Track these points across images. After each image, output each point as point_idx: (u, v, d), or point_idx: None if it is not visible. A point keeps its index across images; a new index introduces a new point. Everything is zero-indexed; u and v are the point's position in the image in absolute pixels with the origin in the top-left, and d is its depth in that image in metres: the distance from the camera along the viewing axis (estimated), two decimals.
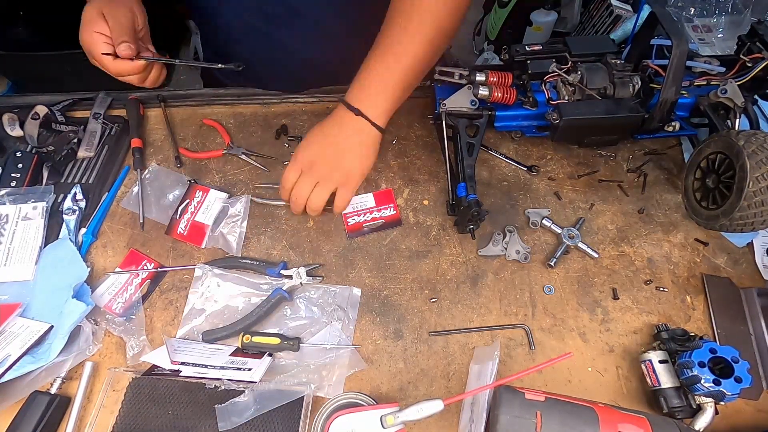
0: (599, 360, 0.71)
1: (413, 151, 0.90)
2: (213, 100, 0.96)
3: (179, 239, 0.80)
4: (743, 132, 0.70)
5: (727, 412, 0.66)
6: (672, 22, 0.75)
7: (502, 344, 0.71)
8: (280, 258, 0.79)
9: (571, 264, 0.79)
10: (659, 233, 0.82)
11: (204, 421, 0.64)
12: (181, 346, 0.69)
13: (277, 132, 0.92)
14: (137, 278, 0.76)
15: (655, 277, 0.78)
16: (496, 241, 0.79)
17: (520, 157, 0.89)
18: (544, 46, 0.84)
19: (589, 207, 0.84)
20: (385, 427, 0.54)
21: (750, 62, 0.81)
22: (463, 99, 0.82)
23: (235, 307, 0.74)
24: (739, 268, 0.79)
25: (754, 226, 0.68)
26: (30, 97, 0.94)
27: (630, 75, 0.79)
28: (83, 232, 0.79)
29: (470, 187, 0.75)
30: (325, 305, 0.74)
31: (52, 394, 0.66)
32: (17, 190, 0.81)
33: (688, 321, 0.74)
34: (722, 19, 1.21)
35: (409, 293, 0.76)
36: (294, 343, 0.69)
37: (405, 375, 0.70)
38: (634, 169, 0.88)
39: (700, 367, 0.62)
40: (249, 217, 0.82)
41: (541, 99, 0.83)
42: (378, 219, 0.82)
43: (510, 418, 0.52)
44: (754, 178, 0.64)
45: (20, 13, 1.78)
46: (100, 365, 0.70)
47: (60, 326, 0.68)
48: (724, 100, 0.79)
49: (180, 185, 0.85)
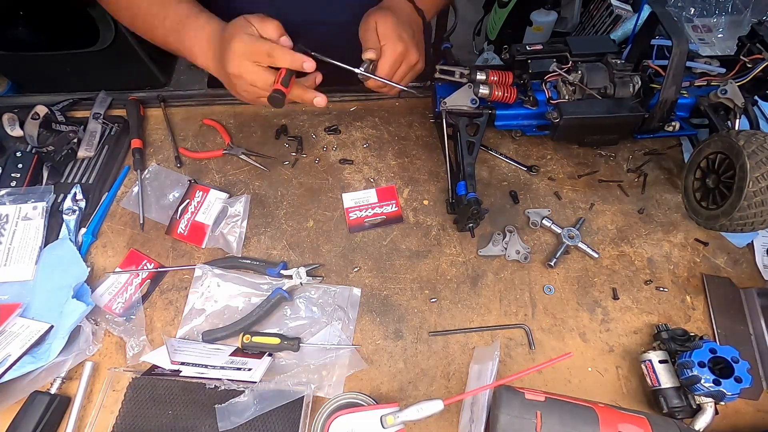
0: (599, 360, 0.71)
1: (413, 151, 0.90)
2: (213, 100, 0.96)
3: (179, 239, 0.80)
4: (743, 132, 0.70)
5: (727, 412, 0.66)
6: (672, 22, 0.75)
7: (502, 344, 0.71)
8: (280, 258, 0.79)
9: (571, 264, 0.79)
10: (659, 233, 0.82)
11: (204, 421, 0.64)
12: (181, 346, 0.69)
13: (277, 132, 0.92)
14: (137, 278, 0.76)
15: (655, 277, 0.78)
16: (496, 241, 0.79)
17: (520, 156, 0.89)
18: (545, 46, 0.84)
19: (589, 207, 0.84)
20: (385, 427, 0.54)
21: (750, 63, 0.81)
22: (463, 98, 0.82)
23: (235, 307, 0.74)
24: (739, 268, 0.79)
25: (754, 226, 0.68)
26: (30, 97, 0.94)
27: (630, 75, 0.79)
28: (83, 232, 0.79)
29: (470, 185, 0.75)
30: (325, 305, 0.74)
31: (52, 394, 0.66)
32: (17, 190, 0.81)
33: (688, 321, 0.74)
34: (722, 19, 1.21)
35: (409, 293, 0.76)
36: (294, 343, 0.69)
37: (405, 375, 0.70)
38: (634, 169, 0.88)
39: (700, 367, 0.62)
40: (249, 217, 0.82)
41: (542, 98, 0.83)
42: (380, 215, 0.82)
43: (510, 418, 0.52)
44: (754, 178, 0.64)
45: (20, 13, 1.78)
46: (100, 365, 0.70)
47: (60, 326, 0.68)
48: (724, 100, 0.79)
49: (180, 185, 0.85)
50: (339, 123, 0.93)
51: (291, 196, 0.85)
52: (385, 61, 0.74)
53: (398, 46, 0.73)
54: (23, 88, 1.98)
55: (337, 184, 0.86)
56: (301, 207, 0.84)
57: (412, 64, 0.76)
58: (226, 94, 0.96)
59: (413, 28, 0.78)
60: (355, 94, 0.97)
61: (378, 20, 0.75)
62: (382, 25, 0.74)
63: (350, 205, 0.83)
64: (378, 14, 0.76)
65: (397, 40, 0.73)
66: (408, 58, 0.75)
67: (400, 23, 0.75)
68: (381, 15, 0.75)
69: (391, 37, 0.73)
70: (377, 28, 0.74)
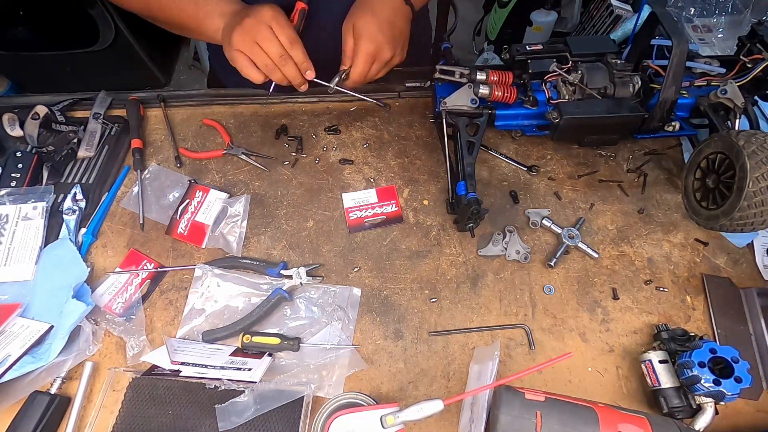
0: (599, 360, 0.71)
1: (413, 151, 0.90)
2: (213, 100, 0.96)
3: (179, 239, 0.80)
4: (743, 132, 0.70)
5: (727, 412, 0.66)
6: (672, 22, 0.75)
7: (502, 344, 0.71)
8: (280, 258, 0.79)
9: (571, 264, 0.79)
10: (659, 233, 0.82)
11: (204, 421, 0.64)
12: (181, 346, 0.69)
13: (277, 132, 0.92)
14: (137, 278, 0.76)
15: (655, 277, 0.78)
16: (496, 241, 0.79)
17: (520, 157, 0.89)
18: (545, 46, 0.84)
19: (589, 207, 0.84)
20: (385, 427, 0.54)
21: (750, 63, 0.81)
22: (463, 97, 0.82)
23: (235, 307, 0.74)
24: (739, 268, 0.79)
25: (754, 226, 0.68)
26: (30, 97, 0.94)
27: (630, 75, 0.80)
28: (83, 232, 0.79)
29: (470, 185, 0.75)
30: (325, 305, 0.74)
31: (52, 394, 0.66)
32: (17, 190, 0.81)
33: (688, 321, 0.74)
34: (722, 19, 1.21)
35: (409, 293, 0.76)
36: (294, 343, 0.69)
37: (405, 375, 0.70)
38: (634, 169, 0.88)
39: (700, 367, 0.61)
40: (249, 217, 0.82)
41: (542, 98, 0.83)
42: (380, 215, 0.82)
43: (510, 418, 0.52)
44: (754, 178, 0.64)
45: (20, 13, 1.78)
46: (100, 365, 0.70)
47: (60, 326, 0.68)
48: (724, 100, 0.79)
49: (180, 185, 0.85)
50: (339, 123, 0.93)
51: (291, 196, 0.85)
52: (357, 62, 0.76)
53: (369, 46, 0.75)
54: (23, 88, 1.98)
55: (337, 184, 0.86)
56: (301, 207, 0.84)
57: (385, 61, 0.78)
58: (227, 94, 0.97)
59: (396, 22, 0.79)
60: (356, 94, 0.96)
61: (356, 21, 0.77)
62: (358, 26, 0.76)
63: (350, 205, 0.83)
64: (357, 14, 0.78)
65: (368, 39, 0.75)
66: (380, 56, 0.77)
67: (376, 21, 0.76)
68: (359, 14, 0.77)
69: (364, 36, 0.76)
70: (353, 28, 0.77)
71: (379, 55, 0.77)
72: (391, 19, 0.78)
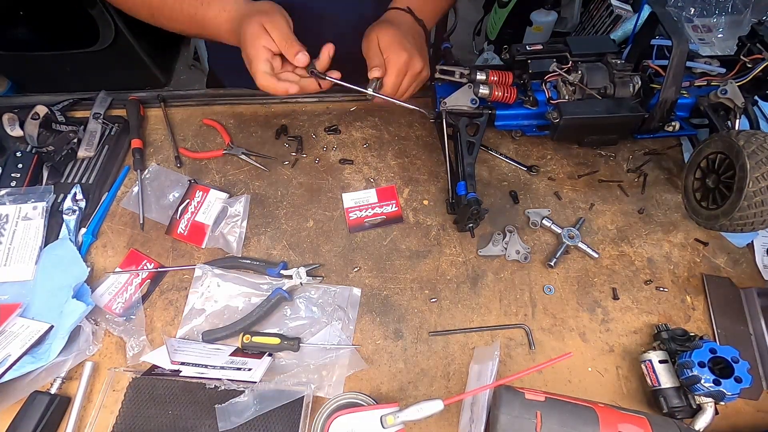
0: (599, 360, 0.71)
1: (413, 151, 0.90)
2: (213, 100, 0.96)
3: (179, 239, 0.80)
4: (743, 132, 0.70)
5: (727, 412, 0.66)
6: (672, 22, 0.75)
7: (502, 344, 0.71)
8: (280, 258, 0.79)
9: (571, 264, 0.79)
10: (659, 233, 0.82)
11: (204, 421, 0.64)
12: (181, 346, 0.69)
13: (277, 132, 0.92)
14: (137, 278, 0.76)
15: (655, 277, 0.78)
16: (496, 241, 0.79)
17: (520, 157, 0.89)
18: (545, 46, 0.84)
19: (589, 207, 0.84)
20: (385, 427, 0.54)
21: (750, 63, 0.81)
22: (463, 98, 0.82)
23: (235, 307, 0.74)
24: (739, 268, 0.79)
25: (754, 226, 0.68)
26: (30, 97, 0.94)
27: (630, 75, 0.79)
28: (83, 232, 0.79)
29: (470, 185, 0.75)
30: (325, 305, 0.74)
31: (52, 394, 0.66)
32: (17, 190, 0.81)
33: (688, 321, 0.74)
34: (722, 19, 1.21)
35: (409, 293, 0.76)
36: (294, 343, 0.69)
37: (405, 375, 0.70)
38: (634, 169, 0.88)
39: (700, 367, 0.61)
40: (249, 217, 0.82)
41: (542, 98, 0.83)
42: (380, 215, 0.82)
43: (510, 418, 0.52)
44: (754, 178, 0.64)
45: (20, 13, 1.78)
46: (100, 365, 0.70)
47: (60, 326, 0.68)
48: (724, 100, 0.79)
49: (180, 185, 0.85)
50: (339, 123, 0.93)
51: (291, 196, 0.85)
52: (390, 72, 0.75)
53: (402, 55, 0.74)
54: (23, 88, 1.98)
55: (337, 184, 0.86)
56: (301, 207, 0.84)
57: (416, 72, 0.77)
58: (226, 94, 0.97)
59: (415, 38, 0.79)
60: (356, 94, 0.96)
61: (379, 34, 0.76)
62: (383, 38, 0.75)
63: (350, 205, 0.83)
64: (378, 28, 0.77)
65: (399, 49, 0.74)
66: (412, 67, 0.76)
67: (401, 33, 0.76)
68: (381, 28, 0.76)
69: (392, 47, 0.74)
70: (379, 42, 0.76)
71: (412, 66, 0.76)
72: (412, 32, 0.78)
